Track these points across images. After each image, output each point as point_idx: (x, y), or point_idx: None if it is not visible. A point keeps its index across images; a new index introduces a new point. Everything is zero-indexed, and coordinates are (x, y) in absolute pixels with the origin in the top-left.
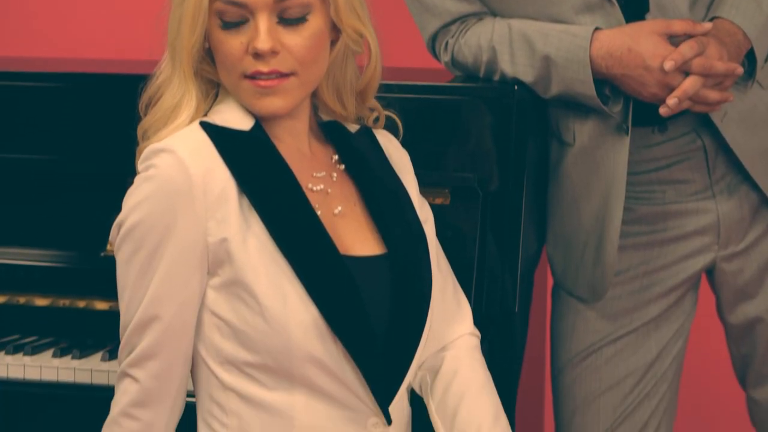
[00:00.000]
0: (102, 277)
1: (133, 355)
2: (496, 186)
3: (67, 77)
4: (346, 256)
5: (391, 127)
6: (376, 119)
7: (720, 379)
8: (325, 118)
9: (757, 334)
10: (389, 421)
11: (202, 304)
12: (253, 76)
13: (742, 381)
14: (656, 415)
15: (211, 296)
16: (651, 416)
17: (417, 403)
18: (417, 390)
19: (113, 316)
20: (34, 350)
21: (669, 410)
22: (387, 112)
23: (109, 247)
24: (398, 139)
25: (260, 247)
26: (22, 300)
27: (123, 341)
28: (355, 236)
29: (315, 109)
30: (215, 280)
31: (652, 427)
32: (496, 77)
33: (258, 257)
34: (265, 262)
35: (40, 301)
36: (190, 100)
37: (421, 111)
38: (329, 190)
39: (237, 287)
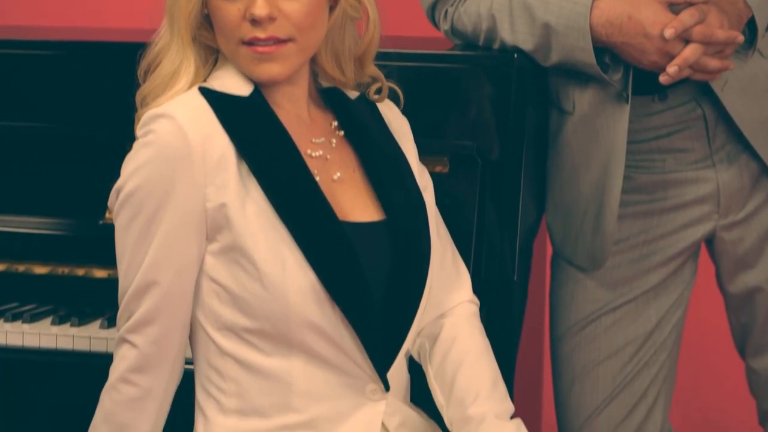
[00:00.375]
0: (101, 244)
1: (131, 321)
2: (495, 154)
3: (66, 45)
4: (344, 222)
5: (392, 97)
6: (378, 90)
7: (719, 349)
8: (325, 84)
9: (757, 303)
10: (387, 388)
11: (201, 270)
12: (250, 43)
13: (742, 351)
14: (655, 383)
15: (210, 262)
16: (650, 385)
17: (415, 371)
18: (416, 357)
19: (112, 283)
20: (33, 318)
21: (668, 379)
22: (389, 83)
23: (107, 214)
24: (399, 109)
25: (259, 213)
26: (21, 268)
27: (121, 307)
28: (354, 202)
29: (315, 75)
30: (214, 246)
31: (651, 396)
32: (496, 45)
33: (257, 223)
34: (263, 227)
35: (39, 269)
36: (188, 66)
37: (420, 79)
38: (328, 156)
39: (235, 253)
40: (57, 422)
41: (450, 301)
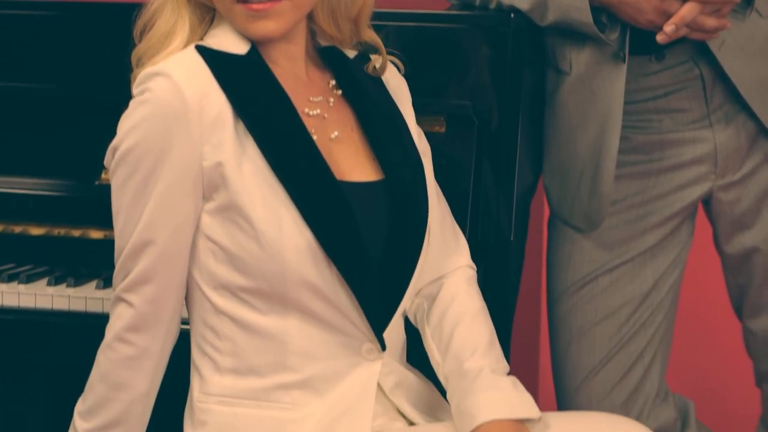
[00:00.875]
0: (97, 205)
1: (127, 280)
2: (492, 114)
3: (62, 5)
4: (342, 182)
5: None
6: (381, 55)
7: (716, 310)
8: (323, 43)
9: (754, 264)
10: (383, 347)
11: (197, 228)
12: (245, 0)
13: (738, 311)
14: (652, 344)
15: (206, 221)
16: (647, 346)
17: (411, 338)
18: (412, 319)
19: (108, 244)
20: (29, 278)
21: (665, 340)
22: (390, 57)
23: (103, 175)
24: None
25: (255, 172)
26: (17, 229)
27: (117, 266)
28: (352, 162)
29: (313, 34)
30: (210, 205)
31: (647, 357)
32: (493, 5)
33: (253, 182)
34: (260, 186)
35: (36, 230)
36: (183, 25)
37: (417, 39)
38: (326, 115)
39: (232, 212)
40: (53, 382)
41: (449, 265)
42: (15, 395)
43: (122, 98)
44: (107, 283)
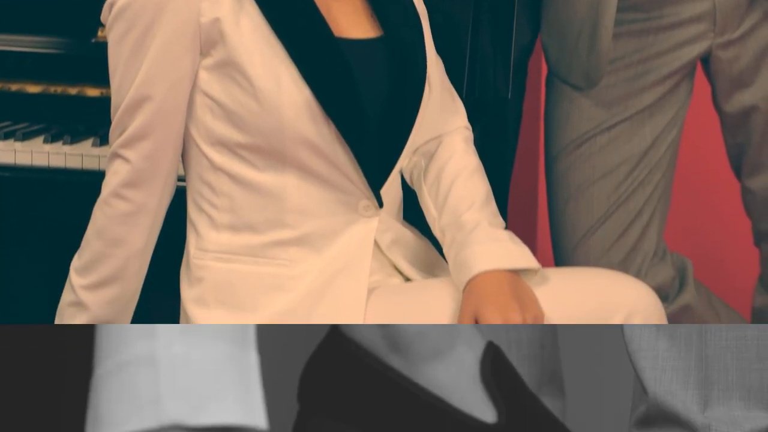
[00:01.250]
0: (94, 63)
1: (124, 136)
2: None
3: None
4: (340, 39)
5: None
6: None
7: (715, 170)
8: None
9: (752, 122)
10: (381, 204)
11: (195, 85)
12: None
13: (737, 171)
14: (650, 203)
15: (204, 77)
16: (645, 204)
17: (408, 195)
18: (408, 179)
19: (105, 102)
20: (26, 136)
21: (663, 198)
22: None
23: (100, 33)
24: None
25: (254, 29)
26: (14, 87)
27: (114, 122)
28: (350, 19)
29: None
30: (208, 61)
31: (646, 215)
32: None
33: (251, 38)
34: (258, 43)
35: (32, 88)
36: None
37: None
38: None
39: (230, 68)
40: (50, 239)
41: (447, 125)
42: (12, 253)
43: None
44: (104, 140)
